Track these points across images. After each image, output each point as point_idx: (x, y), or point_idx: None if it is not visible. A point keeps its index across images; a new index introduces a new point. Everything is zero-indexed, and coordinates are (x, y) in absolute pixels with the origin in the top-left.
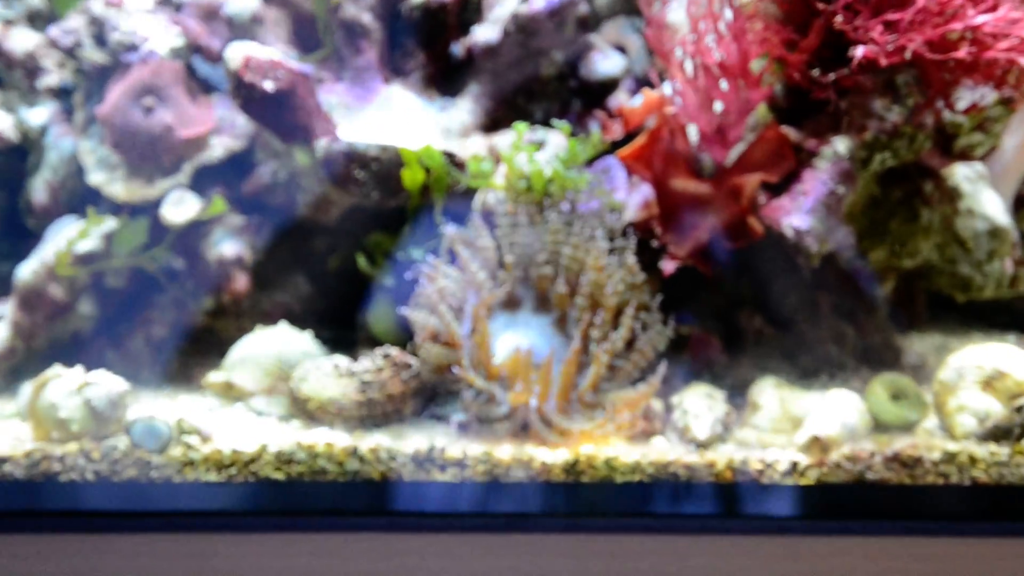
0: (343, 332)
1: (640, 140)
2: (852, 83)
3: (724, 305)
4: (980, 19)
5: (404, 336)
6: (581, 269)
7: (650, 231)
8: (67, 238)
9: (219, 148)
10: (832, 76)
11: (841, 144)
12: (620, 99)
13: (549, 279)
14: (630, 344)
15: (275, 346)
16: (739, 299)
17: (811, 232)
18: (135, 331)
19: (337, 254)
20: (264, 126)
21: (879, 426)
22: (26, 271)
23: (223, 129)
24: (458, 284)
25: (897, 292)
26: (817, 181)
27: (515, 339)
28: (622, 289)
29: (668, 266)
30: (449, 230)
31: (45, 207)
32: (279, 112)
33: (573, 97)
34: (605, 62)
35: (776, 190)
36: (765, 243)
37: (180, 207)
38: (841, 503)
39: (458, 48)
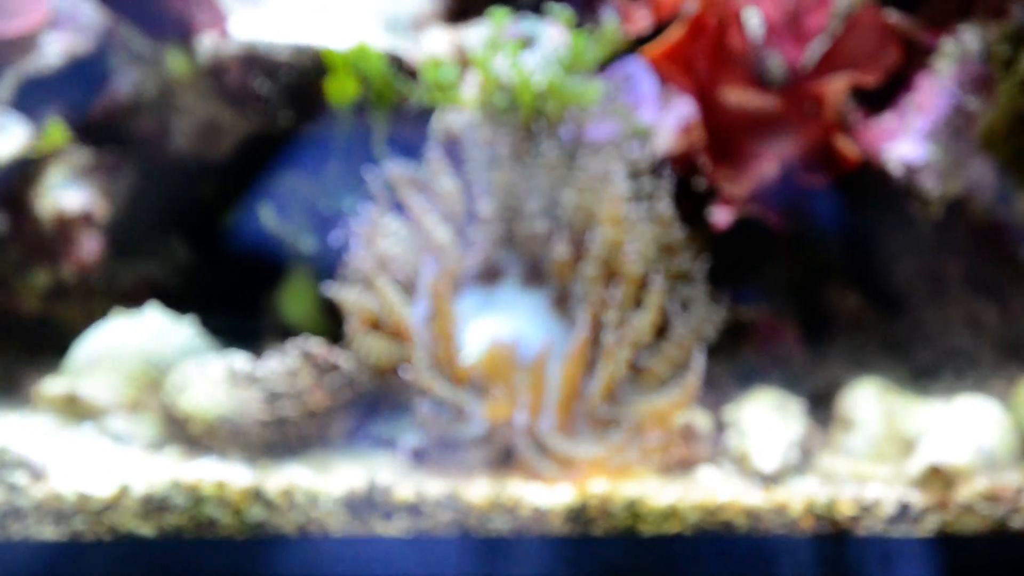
0: (242, 319)
1: (676, 33)
2: None
3: (803, 276)
4: None
5: (331, 325)
6: (590, 223)
7: (692, 166)
8: None
9: (55, 50)
10: None
11: (972, 36)
12: None
13: (543, 238)
14: (662, 332)
15: (140, 341)
16: (825, 267)
17: (930, 167)
18: None
19: (231, 206)
20: (121, 16)
21: None
22: None
23: (60, 22)
24: (408, 246)
25: None
26: (937, 91)
27: (494, 326)
28: (651, 252)
29: (721, 217)
30: (393, 168)
31: None
32: None
33: None
34: None
35: (877, 103)
36: (863, 182)
37: None
38: (974, 562)
39: None
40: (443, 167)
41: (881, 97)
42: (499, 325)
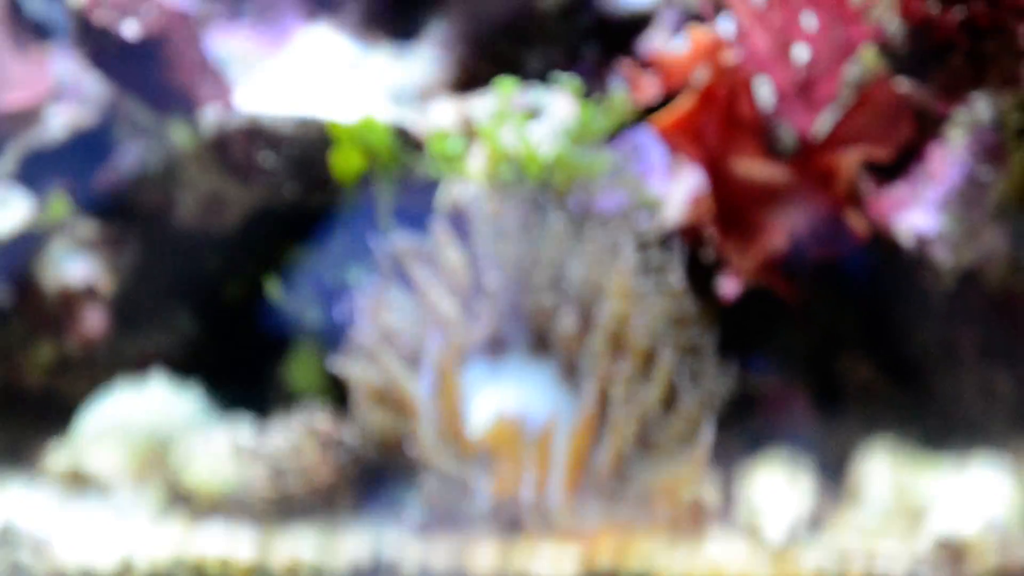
0: (247, 390)
1: (686, 103)
2: (999, 18)
3: (815, 346)
4: None
5: (337, 397)
6: (598, 296)
7: (701, 238)
8: None
9: (58, 123)
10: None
11: (984, 105)
12: (655, 42)
13: (550, 311)
14: (671, 406)
15: (145, 412)
16: (837, 337)
17: (942, 237)
18: None
19: (237, 277)
20: (125, 89)
21: None
22: None
23: (64, 94)
24: (414, 320)
25: None
26: (949, 160)
27: (500, 399)
28: (659, 325)
29: (730, 288)
30: (398, 241)
31: None
32: (146, 68)
33: (585, 40)
34: None
35: (888, 172)
36: (876, 254)
37: (1, 211)
38: None
39: None
40: (449, 239)
41: (893, 166)
42: (505, 398)
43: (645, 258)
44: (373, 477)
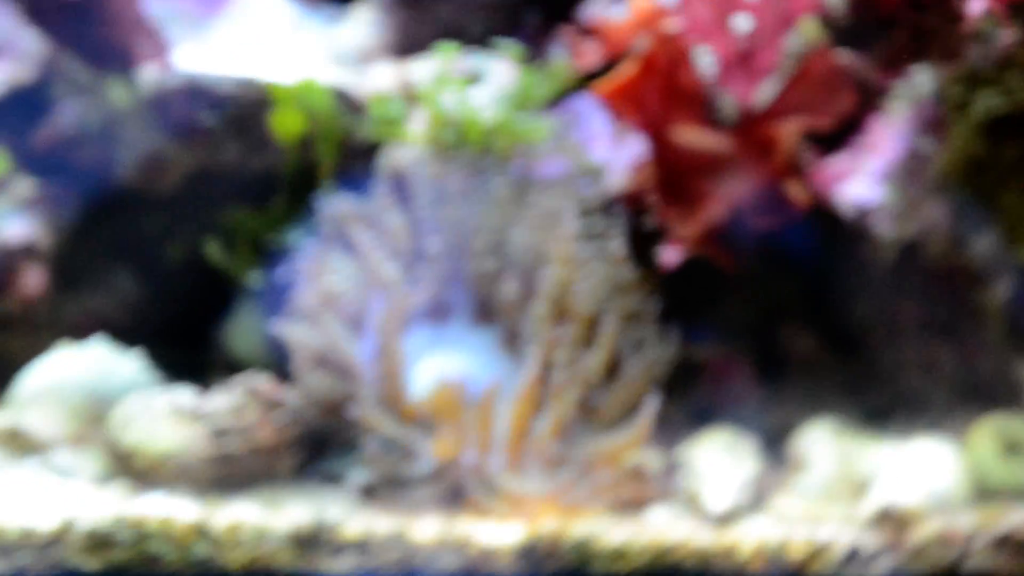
0: (188, 354)
1: (627, 70)
2: None
3: (757, 316)
4: None
5: (279, 360)
6: (540, 262)
7: (643, 205)
8: None
9: None
10: None
11: (925, 77)
12: (596, 9)
13: (492, 276)
14: (613, 372)
15: (85, 375)
16: (779, 307)
17: (884, 209)
18: None
19: (178, 240)
20: (62, 45)
21: (984, 492)
22: None
23: (1, 51)
24: (355, 283)
25: (1016, 297)
26: (891, 133)
27: (442, 364)
28: (602, 291)
29: (671, 256)
30: (338, 203)
31: None
32: (83, 24)
33: (527, 6)
34: None
35: (829, 143)
36: (817, 225)
37: None
38: None
39: None
40: (391, 203)
41: (834, 138)
42: (447, 363)
43: (587, 225)
44: (315, 440)
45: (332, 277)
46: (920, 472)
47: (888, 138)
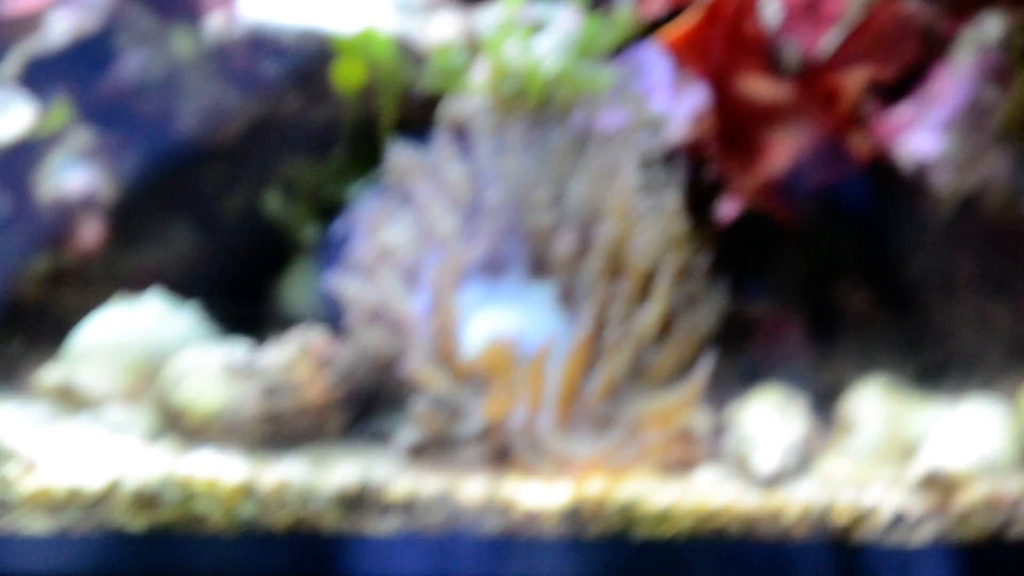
0: (244, 308)
1: (691, 19)
2: None
3: (811, 272)
4: None
5: (332, 316)
6: (598, 215)
7: (704, 157)
8: None
9: (60, 29)
10: None
11: (992, 25)
12: None
13: (549, 230)
14: (667, 328)
15: (140, 330)
16: (834, 263)
17: (944, 161)
18: None
19: (237, 192)
20: None
21: None
22: None
23: (66, 1)
24: (413, 237)
25: None
26: (954, 82)
27: (495, 321)
28: (659, 246)
29: (729, 210)
30: (399, 155)
31: None
32: None
33: None
34: None
35: (893, 95)
36: (876, 176)
37: (2, 117)
38: (970, 571)
39: None
40: (450, 156)
41: (897, 87)
42: (501, 320)
43: (647, 177)
44: (365, 398)
45: (389, 231)
46: (969, 434)
47: (951, 87)
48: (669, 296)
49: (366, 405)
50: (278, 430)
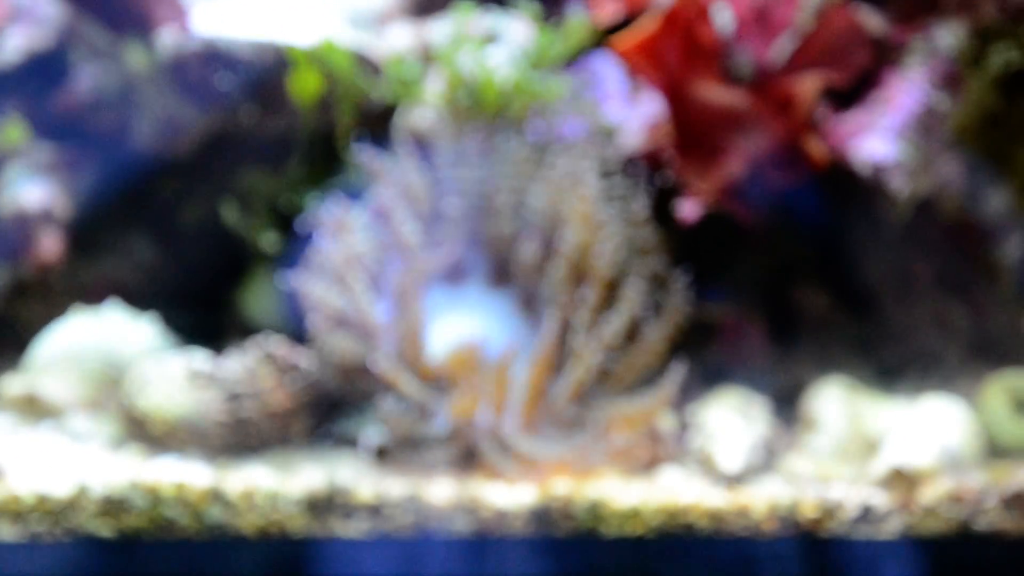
0: (204, 318)
1: (648, 26)
2: None
3: (770, 275)
4: None
5: (293, 323)
6: (559, 223)
7: (660, 164)
8: None
9: (14, 45)
10: None
11: (941, 32)
12: None
13: (511, 238)
14: (632, 333)
15: (101, 340)
16: (792, 266)
17: (898, 165)
18: None
19: (194, 203)
20: (80, 9)
21: (996, 450)
22: None
23: (19, 16)
24: (375, 243)
25: None
26: (907, 89)
27: (459, 326)
28: (622, 253)
29: (688, 210)
30: (369, 157)
31: None
32: None
33: None
34: None
35: (845, 99)
36: (832, 181)
37: None
38: (937, 565)
39: None
40: (411, 164)
41: (849, 93)
42: (465, 325)
43: (607, 185)
44: (329, 404)
45: (353, 236)
46: (931, 431)
47: (904, 94)
48: (636, 304)
49: (330, 410)
50: (242, 436)
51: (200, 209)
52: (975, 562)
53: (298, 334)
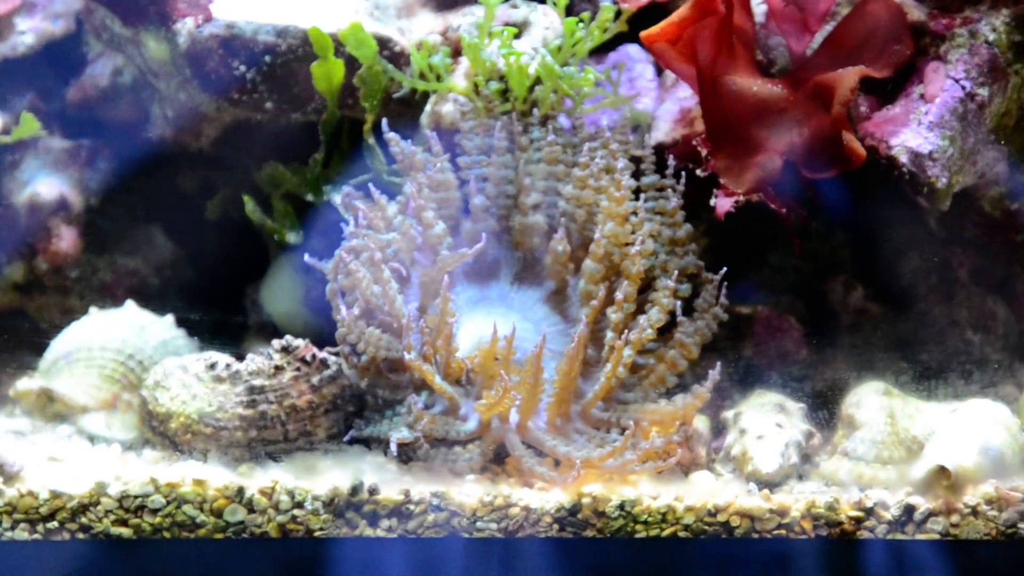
0: (225, 315)
1: (678, 14)
2: None
3: (806, 271)
4: None
5: (317, 322)
6: (591, 217)
7: (692, 155)
8: None
9: (29, 34)
10: None
11: (985, 22)
12: None
13: (540, 232)
14: (663, 331)
15: (119, 337)
16: (830, 261)
17: (937, 157)
18: None
19: (215, 197)
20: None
21: None
22: None
23: (35, 6)
24: (404, 238)
25: None
26: (947, 80)
27: (489, 321)
28: (655, 248)
29: (724, 204)
30: (397, 150)
31: None
32: None
33: None
34: None
35: (885, 93)
36: (869, 174)
37: None
38: (980, 568)
39: None
40: (441, 156)
41: (889, 83)
42: (495, 321)
43: (639, 178)
44: (354, 400)
45: (381, 231)
46: (974, 433)
47: (944, 85)
48: (671, 300)
49: (355, 412)
50: (265, 434)
51: (221, 203)
52: (1019, 565)
53: (322, 332)
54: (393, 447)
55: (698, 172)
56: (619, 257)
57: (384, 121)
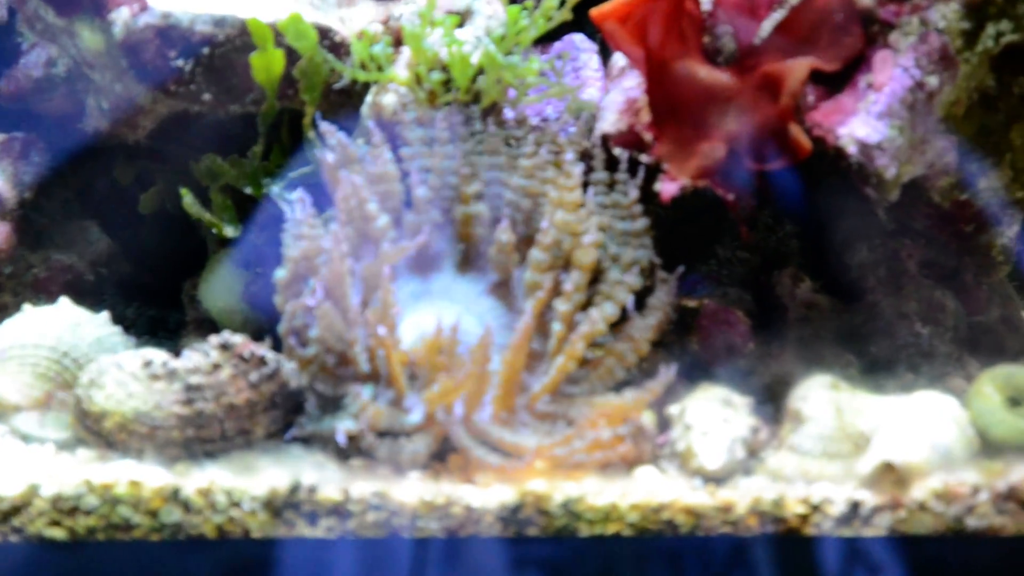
0: (162, 311)
1: None
2: None
3: (754, 263)
4: None
5: (256, 317)
6: (537, 208)
7: (637, 144)
8: None
9: None
10: None
11: (934, 10)
12: None
13: (483, 222)
14: (614, 325)
15: (53, 334)
16: (777, 253)
17: (885, 147)
18: None
19: (150, 190)
20: None
21: (989, 446)
22: None
23: None
24: (344, 231)
25: (1023, 239)
26: (895, 68)
27: (433, 312)
28: (605, 239)
29: (669, 189)
30: (335, 142)
31: None
32: None
33: None
34: None
35: (833, 83)
36: (817, 164)
37: None
38: (928, 563)
39: None
40: (379, 148)
41: (839, 75)
42: (439, 312)
43: (586, 168)
44: (293, 397)
45: (320, 227)
46: (922, 426)
47: (893, 74)
48: (626, 292)
49: (294, 409)
50: (202, 432)
51: (157, 196)
52: (967, 561)
53: (260, 328)
54: (341, 437)
55: (642, 158)
56: (569, 246)
57: (317, 114)
